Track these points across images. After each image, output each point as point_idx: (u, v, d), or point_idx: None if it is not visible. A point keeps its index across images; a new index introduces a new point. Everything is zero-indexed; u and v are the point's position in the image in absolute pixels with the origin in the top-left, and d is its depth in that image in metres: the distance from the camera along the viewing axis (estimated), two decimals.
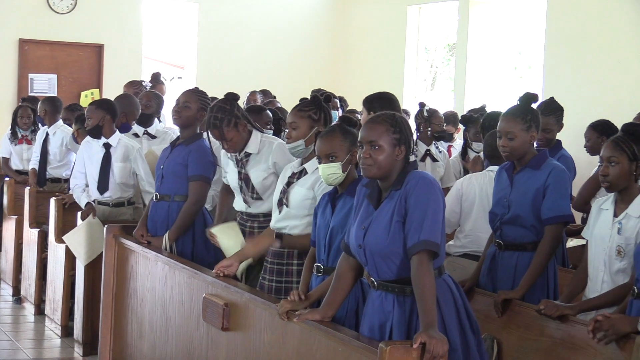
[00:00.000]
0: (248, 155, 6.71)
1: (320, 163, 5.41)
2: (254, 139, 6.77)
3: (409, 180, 4.73)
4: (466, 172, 8.84)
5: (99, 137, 8.84)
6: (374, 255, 4.80)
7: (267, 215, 6.58)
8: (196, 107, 7.19)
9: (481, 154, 7.98)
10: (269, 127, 7.82)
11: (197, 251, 7.27)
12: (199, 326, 6.37)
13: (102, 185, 8.84)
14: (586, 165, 8.64)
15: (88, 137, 9.02)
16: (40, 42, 16.27)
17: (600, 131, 8.39)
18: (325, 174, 5.36)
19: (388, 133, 4.74)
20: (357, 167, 5.35)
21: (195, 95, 7.31)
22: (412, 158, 4.96)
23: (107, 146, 8.84)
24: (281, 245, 5.91)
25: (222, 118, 6.65)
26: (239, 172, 6.72)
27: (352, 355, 4.83)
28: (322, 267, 5.49)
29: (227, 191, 7.06)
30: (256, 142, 6.75)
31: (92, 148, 8.92)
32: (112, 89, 13.94)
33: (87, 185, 8.97)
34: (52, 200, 9.67)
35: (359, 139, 4.88)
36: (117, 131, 9.00)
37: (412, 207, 4.67)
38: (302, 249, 5.84)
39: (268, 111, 8.43)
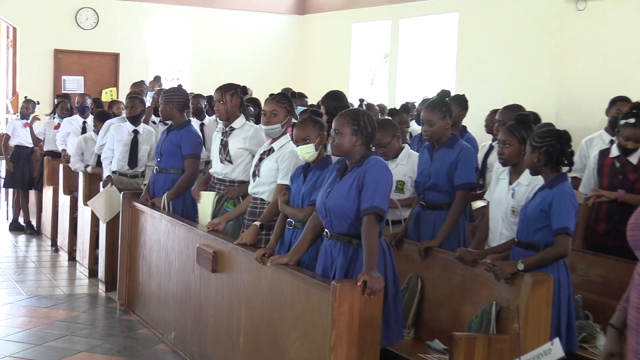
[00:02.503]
0: (232, 129, 6.70)
1: (297, 146, 5.48)
2: (240, 119, 6.76)
3: (368, 162, 4.81)
4: None
5: (136, 124, 8.98)
6: (331, 213, 4.85)
7: (233, 182, 6.68)
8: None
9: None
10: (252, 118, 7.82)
11: (186, 210, 7.28)
12: (194, 269, 6.36)
13: (132, 162, 8.94)
14: (483, 142, 8.65)
15: (117, 123, 9.08)
16: (71, 51, 16.33)
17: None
18: (302, 153, 5.43)
19: (349, 125, 4.84)
20: (326, 147, 5.51)
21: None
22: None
23: (135, 132, 8.96)
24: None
25: (232, 90, 6.74)
26: (222, 140, 6.72)
27: (311, 290, 4.83)
28: (292, 222, 5.51)
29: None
30: (241, 122, 6.75)
31: (122, 132, 8.97)
32: (125, 88, 13.97)
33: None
34: (81, 173, 9.73)
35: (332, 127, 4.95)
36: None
37: (368, 181, 4.74)
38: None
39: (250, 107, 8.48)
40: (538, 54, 12.00)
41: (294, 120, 6.22)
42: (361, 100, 10.35)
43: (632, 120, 6.18)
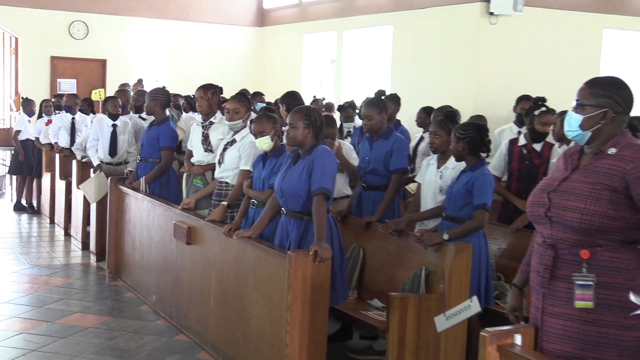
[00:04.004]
0: (212, 123, 6.65)
1: (256, 138, 5.46)
2: (218, 114, 6.74)
3: (317, 150, 4.82)
4: None
5: (115, 119, 8.92)
6: (287, 194, 4.84)
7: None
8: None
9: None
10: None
11: (162, 192, 7.21)
12: (171, 242, 6.30)
13: (112, 151, 8.88)
14: (415, 134, 8.67)
15: (100, 117, 8.99)
16: (65, 58, 16.18)
17: (427, 112, 8.41)
18: (261, 144, 5.43)
19: (302, 119, 4.83)
20: (280, 138, 5.49)
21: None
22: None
23: (114, 126, 8.91)
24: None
25: (212, 89, 6.71)
26: (203, 133, 6.64)
27: (270, 259, 4.81)
28: (255, 202, 5.49)
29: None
30: (219, 117, 6.71)
31: (103, 126, 8.93)
32: (112, 89, 13.89)
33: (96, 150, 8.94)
34: (74, 162, 9.59)
35: (287, 121, 4.94)
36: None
37: (316, 166, 4.74)
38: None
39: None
40: (459, 60, 12.05)
41: (253, 115, 6.21)
42: (315, 97, 10.36)
43: (544, 109, 6.25)
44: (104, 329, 6.09)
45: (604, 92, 2.97)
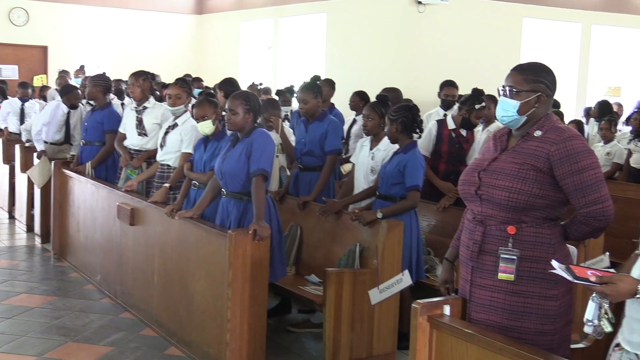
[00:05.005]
0: (145, 108, 6.59)
1: (197, 122, 5.41)
2: (151, 100, 6.68)
3: (255, 133, 4.82)
4: None
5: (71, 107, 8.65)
6: (226, 175, 4.83)
7: (146, 153, 6.53)
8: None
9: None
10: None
11: (108, 175, 7.10)
12: (115, 223, 6.20)
13: (67, 135, 8.65)
14: (348, 115, 8.70)
15: (56, 104, 8.77)
16: (6, 44, 15.76)
17: (360, 96, 8.43)
18: (202, 128, 5.38)
19: (242, 105, 4.81)
20: (221, 122, 5.47)
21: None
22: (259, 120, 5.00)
23: (69, 112, 8.66)
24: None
25: (144, 76, 6.65)
26: (137, 117, 6.57)
27: (212, 238, 4.78)
28: (197, 183, 5.44)
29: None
30: (152, 102, 6.66)
31: (58, 111, 8.67)
32: (54, 75, 13.56)
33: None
34: (17, 146, 9.34)
35: (226, 106, 4.89)
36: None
37: (255, 149, 4.74)
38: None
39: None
40: (389, 47, 12.12)
41: (193, 100, 6.17)
42: (255, 84, 10.29)
43: (484, 104, 6.31)
44: (50, 309, 5.98)
45: (536, 78, 3.02)
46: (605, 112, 10.43)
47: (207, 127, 5.35)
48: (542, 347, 2.84)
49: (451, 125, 6.33)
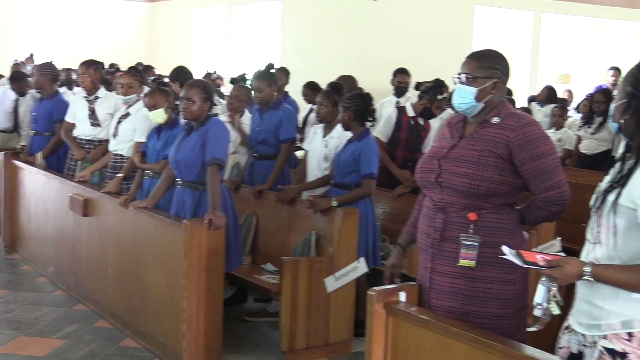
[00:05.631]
0: (97, 97, 6.50)
1: (149, 111, 5.34)
2: (102, 90, 6.60)
3: (210, 122, 4.80)
4: None
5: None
6: (181, 165, 4.80)
7: (101, 142, 6.44)
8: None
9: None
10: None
11: (60, 165, 6.93)
12: (67, 214, 6.10)
13: (15, 123, 8.49)
14: (303, 106, 8.70)
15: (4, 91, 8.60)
16: None
17: (311, 88, 8.43)
18: (154, 117, 5.31)
19: (199, 93, 4.77)
20: (174, 111, 5.40)
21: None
22: (213, 111, 4.96)
23: (17, 100, 8.49)
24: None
25: (95, 65, 6.58)
26: (89, 107, 6.46)
27: (166, 228, 4.76)
28: (151, 173, 5.39)
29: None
30: (104, 92, 6.58)
31: (6, 98, 8.50)
32: (2, 63, 13.27)
33: None
34: None
35: (181, 96, 4.83)
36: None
37: (210, 138, 4.71)
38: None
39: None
40: (343, 36, 12.13)
41: (146, 89, 6.11)
42: (208, 72, 10.21)
43: (446, 95, 6.34)
44: (1, 302, 5.87)
45: (492, 64, 3.04)
46: (552, 98, 10.60)
47: (159, 116, 5.29)
48: (502, 330, 2.87)
49: (410, 113, 6.35)
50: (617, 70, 11.23)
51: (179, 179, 4.86)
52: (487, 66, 3.03)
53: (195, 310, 4.53)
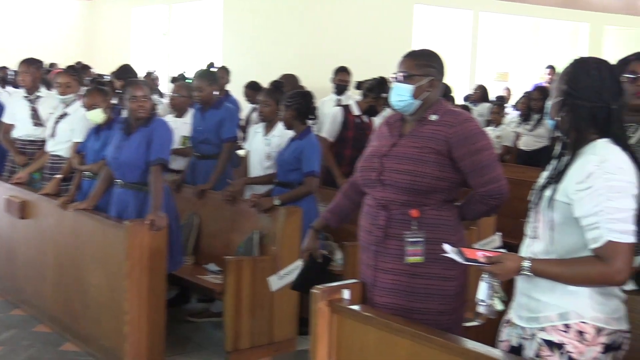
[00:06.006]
0: (38, 97, 6.37)
1: (87, 111, 5.26)
2: (43, 89, 6.49)
3: (154, 122, 4.78)
4: None
5: None
6: (123, 165, 4.74)
7: (43, 142, 6.24)
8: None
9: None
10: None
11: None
12: (4, 217, 5.96)
13: None
14: (245, 106, 8.67)
15: None
16: None
17: (252, 88, 8.41)
18: (92, 117, 5.24)
19: (149, 92, 4.82)
20: (112, 111, 5.34)
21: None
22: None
23: None
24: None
25: (36, 64, 6.45)
26: (30, 107, 6.33)
27: (107, 230, 4.71)
28: (90, 174, 5.32)
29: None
30: (45, 92, 6.47)
31: None
32: None
33: None
34: None
35: (133, 94, 4.76)
36: None
37: (155, 138, 4.69)
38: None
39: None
40: (286, 34, 12.11)
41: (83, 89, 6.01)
42: (150, 72, 10.11)
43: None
44: None
45: (427, 63, 3.10)
46: (485, 97, 10.78)
47: (97, 116, 5.21)
48: (443, 326, 2.91)
49: (356, 111, 6.39)
50: (553, 69, 11.49)
51: (119, 180, 4.80)
52: (423, 64, 3.09)
53: (138, 312, 4.48)
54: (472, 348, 2.49)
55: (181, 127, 6.16)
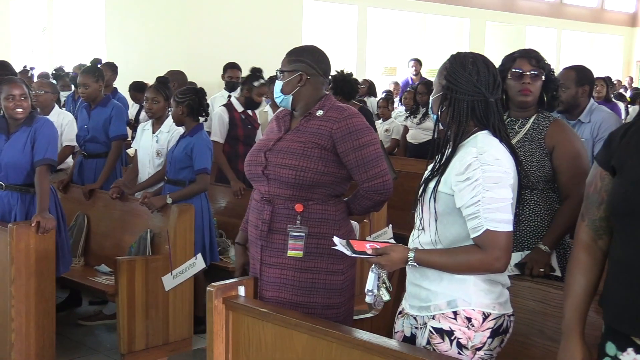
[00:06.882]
0: None
1: None
2: None
3: (37, 121, 4.62)
4: None
5: None
6: (8, 167, 4.56)
7: None
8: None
9: None
10: None
11: None
12: None
13: None
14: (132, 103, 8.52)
15: None
16: None
17: (137, 89, 8.29)
18: None
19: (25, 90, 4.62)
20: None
21: None
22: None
23: None
24: None
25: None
26: None
27: None
28: None
29: None
30: None
31: None
32: None
33: None
34: None
35: (10, 93, 4.53)
36: None
37: (39, 137, 4.53)
38: None
39: None
40: (170, 29, 11.95)
41: None
42: (27, 69, 9.76)
43: (263, 81, 6.39)
44: None
45: (297, 58, 3.13)
46: (372, 92, 11.00)
47: None
48: (330, 320, 2.96)
49: (239, 108, 6.39)
50: (417, 62, 11.85)
51: (2, 183, 4.61)
52: (293, 60, 3.14)
53: (25, 318, 4.34)
54: (368, 339, 2.55)
55: None
